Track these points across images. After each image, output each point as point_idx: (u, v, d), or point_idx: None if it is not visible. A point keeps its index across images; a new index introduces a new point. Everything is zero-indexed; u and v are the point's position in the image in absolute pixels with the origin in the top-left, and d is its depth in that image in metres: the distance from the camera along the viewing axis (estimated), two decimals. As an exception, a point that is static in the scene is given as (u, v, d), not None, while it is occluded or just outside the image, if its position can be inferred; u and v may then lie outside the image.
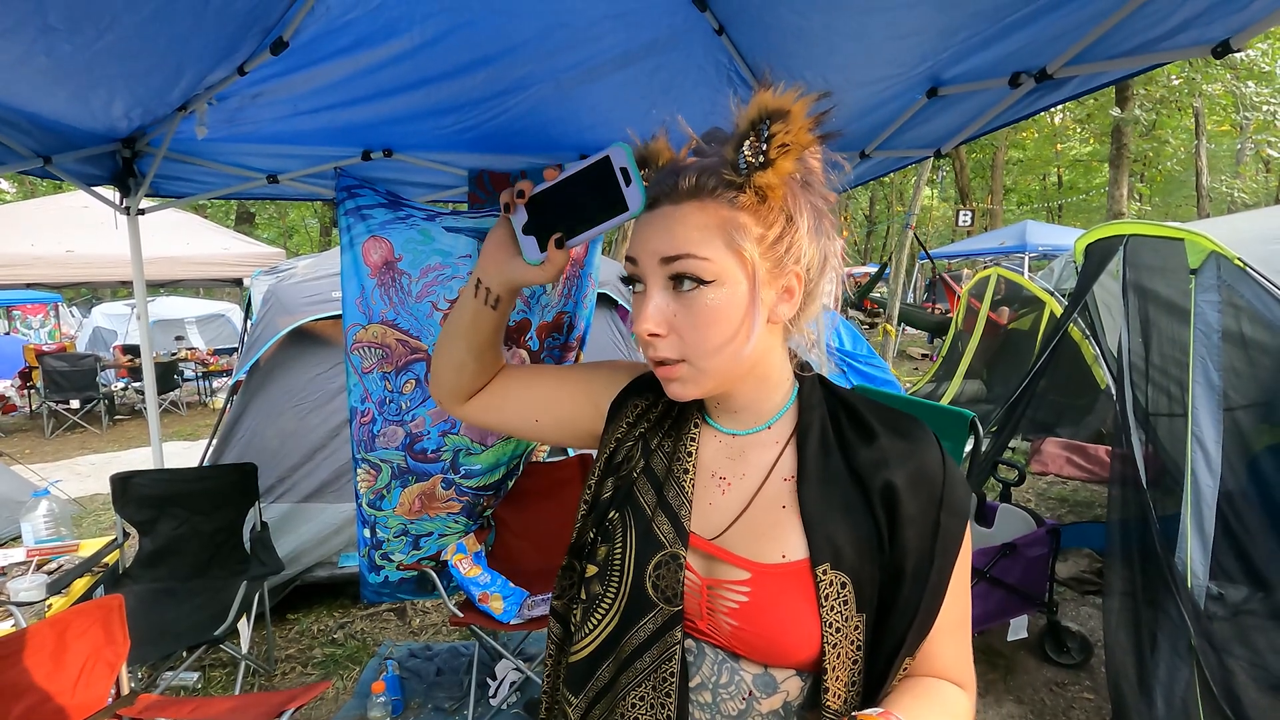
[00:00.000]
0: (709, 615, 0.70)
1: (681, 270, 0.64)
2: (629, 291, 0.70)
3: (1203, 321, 1.85)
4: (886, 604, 0.68)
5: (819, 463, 0.70)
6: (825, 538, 0.67)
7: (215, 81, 1.91)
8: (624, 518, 0.74)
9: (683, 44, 2.19)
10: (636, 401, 0.81)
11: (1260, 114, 9.66)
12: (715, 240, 0.64)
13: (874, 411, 0.74)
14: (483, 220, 2.52)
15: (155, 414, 2.51)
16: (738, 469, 0.74)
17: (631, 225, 0.70)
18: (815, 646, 0.66)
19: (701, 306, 0.64)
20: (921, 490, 0.68)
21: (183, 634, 2.19)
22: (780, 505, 0.70)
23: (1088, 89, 1.61)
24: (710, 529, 0.72)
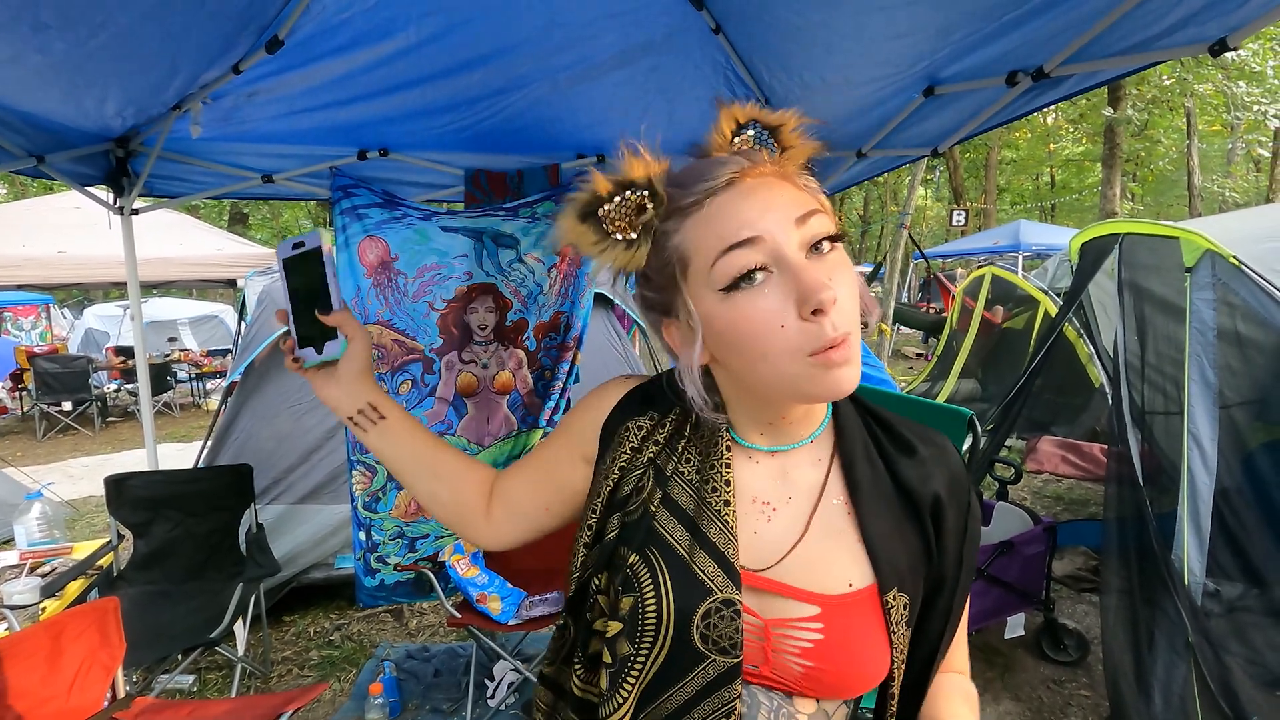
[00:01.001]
0: (772, 658, 0.63)
1: (818, 230, 0.57)
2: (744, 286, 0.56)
3: (1198, 320, 1.86)
4: (926, 613, 0.67)
5: (871, 481, 0.66)
6: (889, 560, 0.64)
7: (210, 80, 1.90)
8: (650, 560, 0.63)
9: (679, 43, 2.19)
10: (638, 422, 0.70)
11: (1251, 114, 9.72)
12: (816, 201, 0.59)
13: (902, 422, 0.72)
14: (479, 220, 2.51)
15: (149, 415, 2.49)
16: (782, 491, 0.67)
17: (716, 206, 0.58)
18: (886, 672, 0.63)
19: (844, 266, 0.57)
20: (956, 498, 0.68)
21: (178, 636, 2.17)
22: (838, 529, 0.65)
23: (1084, 87, 1.61)
24: (760, 561, 0.65)
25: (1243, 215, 2.58)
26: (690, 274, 0.59)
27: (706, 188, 0.58)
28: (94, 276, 7.20)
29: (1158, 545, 1.88)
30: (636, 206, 0.60)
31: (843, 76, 2.13)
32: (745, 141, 0.62)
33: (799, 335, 0.55)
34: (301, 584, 3.05)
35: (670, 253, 0.60)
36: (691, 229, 0.59)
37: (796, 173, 0.62)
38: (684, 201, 0.60)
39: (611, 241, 0.61)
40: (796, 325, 0.55)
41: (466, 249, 2.50)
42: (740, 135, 0.62)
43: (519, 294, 2.58)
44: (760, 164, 0.60)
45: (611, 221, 0.60)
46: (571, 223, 0.62)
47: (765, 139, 0.62)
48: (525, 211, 2.52)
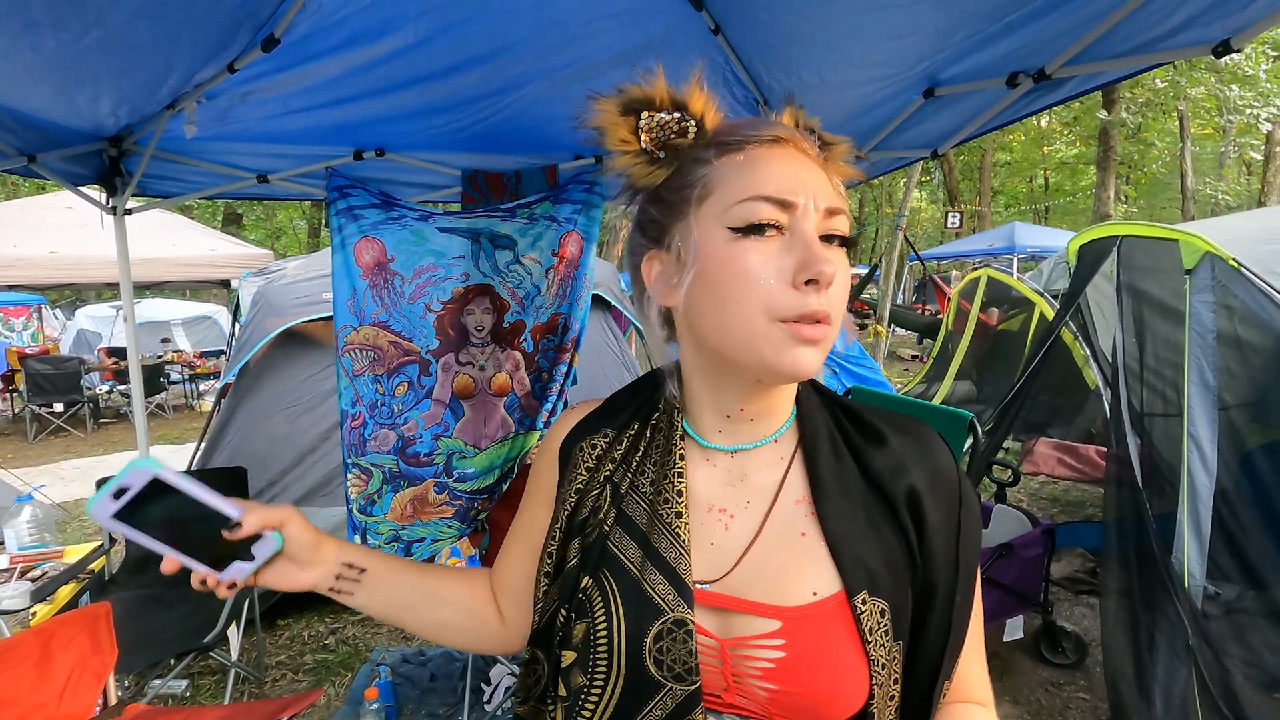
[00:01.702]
0: (734, 683, 0.58)
1: (839, 229, 0.57)
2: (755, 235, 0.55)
3: (1198, 322, 1.86)
4: (919, 626, 0.60)
5: (835, 476, 0.61)
6: (856, 562, 0.58)
7: (205, 79, 1.88)
8: (601, 583, 0.60)
9: (678, 44, 2.18)
10: (592, 440, 0.68)
11: (1243, 117, 9.78)
12: (845, 203, 0.60)
13: (873, 411, 0.67)
14: (476, 220, 2.49)
15: (142, 417, 2.47)
16: (739, 496, 0.63)
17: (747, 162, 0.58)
18: (865, 692, 0.56)
19: (846, 268, 0.57)
20: (941, 493, 0.62)
21: (171, 641, 2.15)
22: (798, 533, 0.60)
23: (1086, 89, 1.61)
24: (716, 575, 0.60)
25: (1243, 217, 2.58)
26: (706, 205, 0.58)
27: (753, 135, 0.58)
28: (86, 277, 7.15)
29: (1157, 548, 1.88)
30: (679, 129, 0.59)
31: (842, 77, 2.12)
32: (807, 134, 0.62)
33: (780, 295, 0.54)
34: (296, 587, 3.02)
35: (695, 179, 0.59)
36: (726, 166, 0.58)
37: (835, 174, 0.61)
38: (727, 138, 0.59)
39: (639, 149, 0.60)
40: (782, 287, 0.54)
41: (463, 250, 2.48)
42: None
43: (516, 295, 2.56)
44: (809, 145, 0.59)
45: (649, 130, 0.60)
46: (613, 111, 0.60)
47: (814, 143, 0.62)
48: (523, 212, 2.51)
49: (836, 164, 0.62)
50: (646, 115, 0.60)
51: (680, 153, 0.60)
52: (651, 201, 0.63)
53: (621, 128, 0.60)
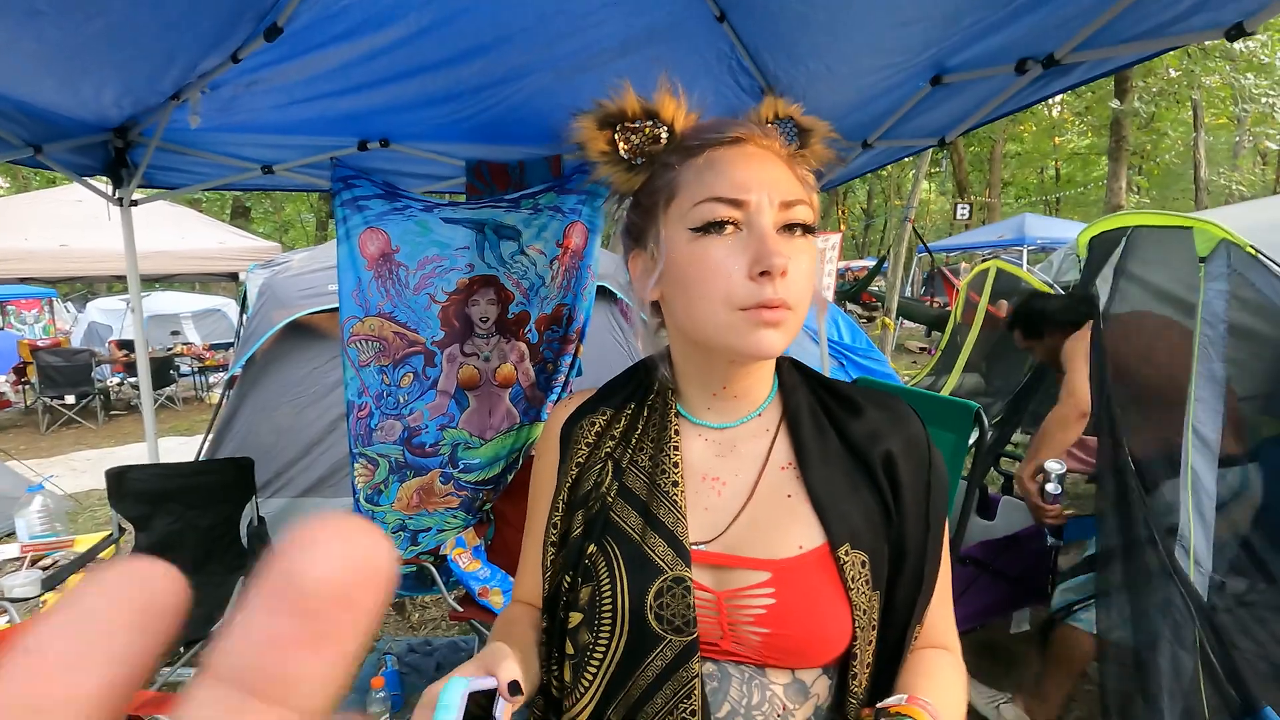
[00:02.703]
0: (731, 631, 0.63)
1: (799, 218, 0.62)
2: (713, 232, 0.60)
3: (1209, 312, 1.83)
4: (894, 576, 0.66)
5: (817, 443, 0.68)
6: (839, 517, 0.64)
7: (209, 69, 1.88)
8: (605, 549, 0.66)
9: (683, 32, 2.16)
10: (591, 419, 0.73)
11: (1259, 106, 9.64)
12: (809, 196, 0.64)
13: (849, 387, 0.73)
14: (481, 211, 2.49)
15: (150, 409, 2.48)
16: (730, 466, 0.69)
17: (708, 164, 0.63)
18: (848, 634, 0.63)
19: (808, 254, 0.62)
20: (913, 456, 0.68)
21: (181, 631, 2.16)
22: (785, 494, 0.67)
23: (1096, 74, 1.58)
24: (711, 535, 0.66)
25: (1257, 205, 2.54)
26: (671, 207, 0.64)
27: (712, 138, 0.63)
28: (96, 270, 7.21)
29: (1161, 539, 1.86)
30: (652, 137, 0.65)
31: (849, 65, 2.10)
32: (773, 129, 0.66)
33: (739, 288, 0.59)
34: (303, 577, 3.04)
35: (663, 183, 0.64)
36: (688, 169, 0.63)
37: (801, 164, 0.66)
38: (689, 143, 0.64)
39: (618, 158, 0.66)
40: (741, 280, 0.59)
41: (468, 241, 2.48)
42: (772, 124, 0.67)
43: (521, 286, 2.56)
44: (770, 140, 0.64)
45: (626, 140, 0.65)
46: (591, 126, 0.66)
47: (792, 135, 0.67)
48: (527, 203, 2.50)
49: (813, 149, 0.67)
50: (621, 127, 0.65)
51: (654, 159, 0.66)
52: (633, 206, 0.69)
53: (600, 140, 0.66)
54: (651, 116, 0.65)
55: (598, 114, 0.66)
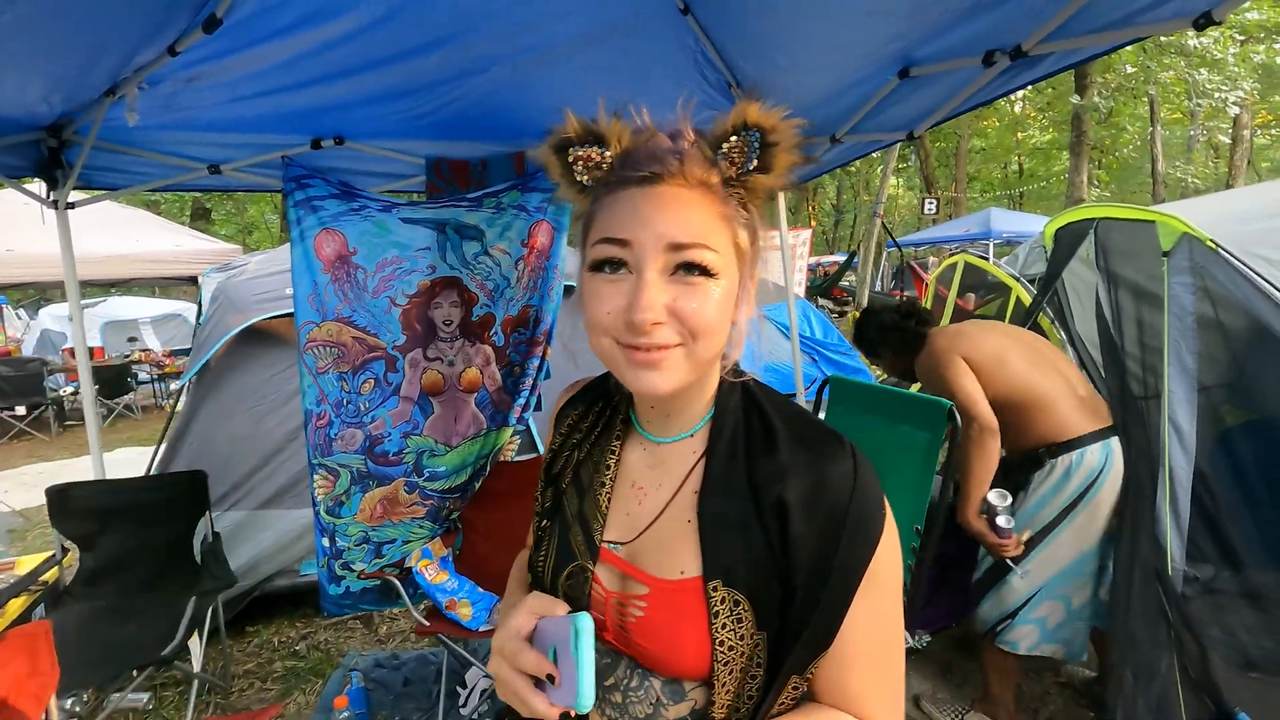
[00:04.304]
0: (614, 627, 0.70)
1: (693, 260, 0.61)
2: (604, 270, 0.63)
3: (1177, 305, 1.83)
4: (782, 621, 0.66)
5: (723, 474, 0.69)
6: (718, 554, 0.66)
7: (144, 63, 1.77)
8: (551, 527, 0.77)
9: (647, 25, 2.11)
10: (570, 411, 0.82)
11: (1211, 101, 9.89)
12: (723, 233, 0.63)
13: (788, 421, 0.70)
14: (441, 211, 2.41)
15: (95, 422, 2.35)
16: (655, 478, 0.74)
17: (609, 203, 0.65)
18: (706, 663, 0.65)
19: (705, 296, 0.61)
20: (819, 508, 0.64)
21: (129, 654, 2.06)
22: (686, 519, 0.69)
23: (1063, 66, 1.57)
24: (627, 539, 0.73)
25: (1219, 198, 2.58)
26: (587, 238, 0.66)
27: (627, 176, 0.64)
28: (44, 275, 6.91)
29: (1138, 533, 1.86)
30: (596, 162, 0.67)
31: (816, 58, 2.06)
32: (733, 147, 0.64)
33: (617, 325, 0.62)
34: (265, 592, 2.93)
35: (590, 215, 0.66)
36: (603, 203, 0.65)
37: (735, 196, 0.65)
38: (612, 175, 0.66)
39: (570, 179, 0.68)
40: (620, 318, 0.61)
41: (429, 241, 2.40)
42: (739, 136, 0.64)
43: (485, 288, 2.49)
44: (690, 175, 0.63)
45: (577, 162, 0.68)
46: (546, 149, 0.69)
47: (754, 149, 0.64)
48: (490, 202, 2.42)
49: (774, 166, 0.65)
50: (570, 150, 0.67)
51: (597, 182, 0.67)
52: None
53: (556, 164, 0.69)
54: (597, 141, 0.66)
55: (551, 139, 0.69)
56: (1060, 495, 1.99)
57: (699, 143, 0.65)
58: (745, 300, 0.67)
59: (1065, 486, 1.98)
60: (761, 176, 0.65)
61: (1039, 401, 2.01)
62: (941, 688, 2.46)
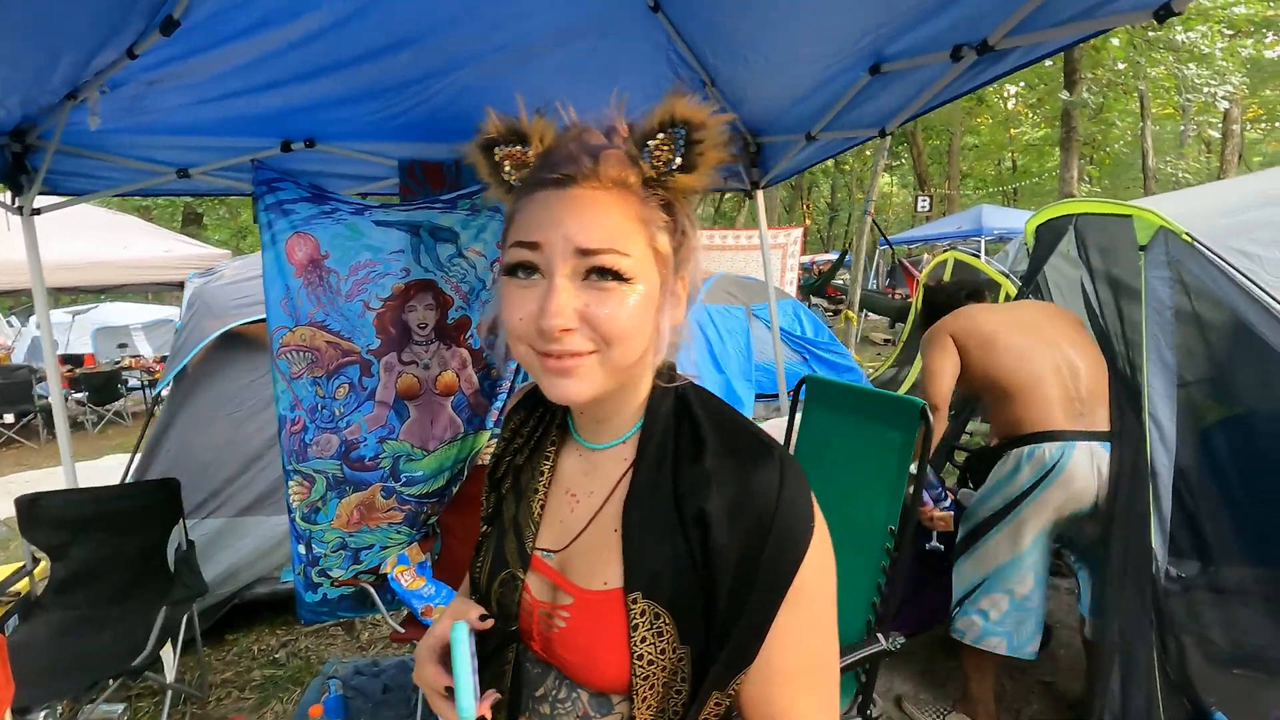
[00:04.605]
0: (540, 636, 0.70)
1: (605, 265, 0.59)
2: (518, 275, 0.61)
3: (1154, 299, 1.82)
4: (709, 638, 0.64)
5: (649, 483, 0.67)
6: (640, 564, 0.64)
7: (104, 66, 1.75)
8: (491, 533, 0.77)
9: (617, 23, 2.09)
10: (514, 417, 0.81)
11: (1201, 96, 9.90)
12: (638, 236, 0.61)
13: (718, 428, 0.68)
14: (415, 213, 2.38)
15: (65, 429, 2.32)
16: (588, 485, 0.72)
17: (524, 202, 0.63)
18: (625, 677, 0.64)
19: (619, 302, 0.59)
20: (742, 519, 0.62)
21: (100, 665, 2.03)
22: (612, 528, 0.68)
23: (1029, 60, 1.55)
24: (559, 547, 0.72)
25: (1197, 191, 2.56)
26: (505, 242, 0.64)
27: (544, 178, 0.62)
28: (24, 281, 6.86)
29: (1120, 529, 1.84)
30: (521, 162, 0.65)
31: (787, 55, 2.05)
32: (659, 144, 0.62)
33: (530, 331, 0.60)
34: (245, 600, 2.90)
35: (510, 216, 0.65)
36: (520, 203, 0.63)
37: (655, 198, 0.63)
38: (532, 175, 0.64)
39: (499, 178, 0.67)
40: (532, 324, 0.59)
41: (402, 244, 2.37)
42: (664, 133, 0.62)
43: (460, 290, 2.46)
44: (604, 176, 0.61)
45: (503, 161, 0.66)
46: (473, 148, 0.67)
47: (679, 146, 0.62)
48: (464, 203, 2.40)
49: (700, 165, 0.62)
50: (497, 150, 0.66)
51: (523, 183, 0.65)
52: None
53: (483, 163, 0.67)
54: (521, 140, 0.65)
55: (477, 138, 0.67)
56: (1008, 488, 2.02)
57: (628, 141, 0.63)
58: (671, 304, 0.65)
59: (1014, 480, 2.00)
60: (684, 176, 0.63)
61: (1014, 390, 2.02)
62: (923, 688, 2.44)
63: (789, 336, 6.84)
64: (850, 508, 1.86)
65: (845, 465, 1.91)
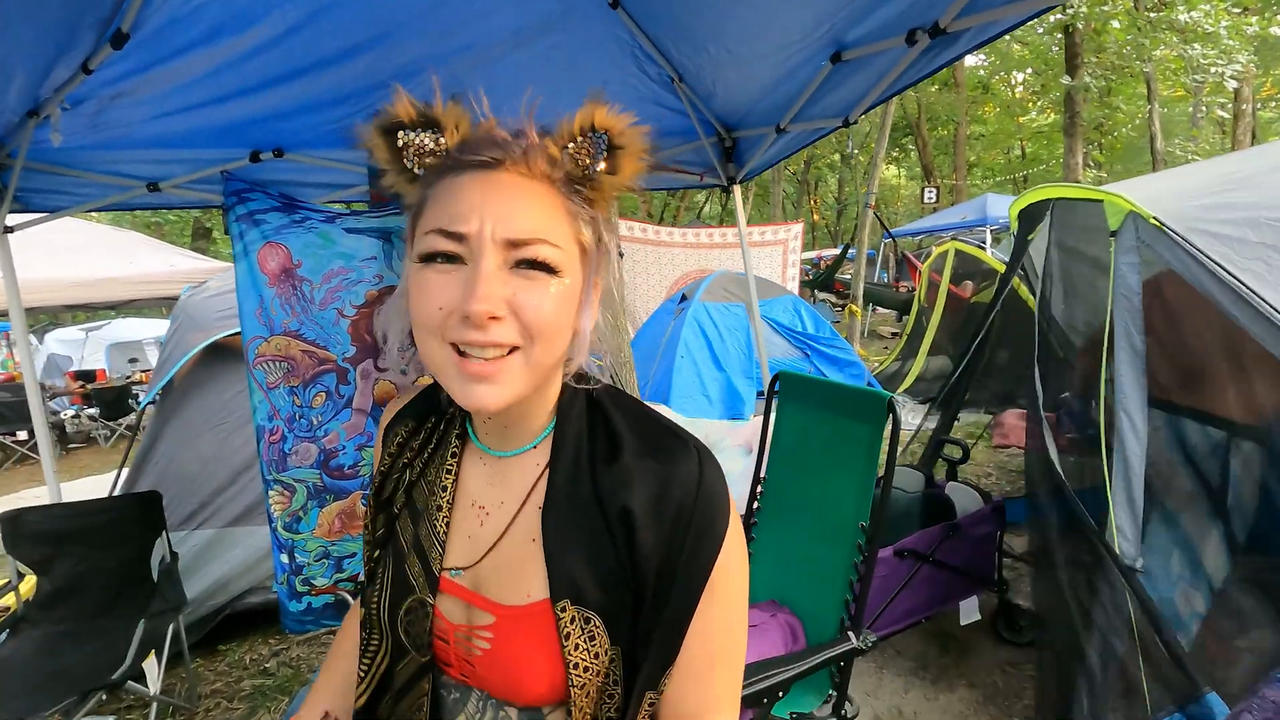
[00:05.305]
0: (460, 661, 0.67)
1: (534, 256, 0.57)
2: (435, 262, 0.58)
3: (1123, 285, 1.77)
4: (632, 635, 0.63)
5: (567, 487, 0.64)
6: (565, 572, 0.62)
7: (62, 82, 1.75)
8: (384, 558, 0.70)
9: (578, 20, 2.07)
10: (398, 428, 0.75)
11: (1208, 76, 9.72)
12: (565, 229, 0.60)
13: (634, 427, 0.67)
14: (387, 219, 2.38)
15: (48, 448, 2.35)
16: (497, 496, 0.68)
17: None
18: (561, 687, 0.62)
19: (545, 294, 0.57)
20: (665, 514, 0.62)
21: (81, 679, 2.04)
22: (531, 538, 0.65)
23: (983, 40, 1.52)
24: (468, 563, 0.68)
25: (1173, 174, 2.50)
26: (416, 230, 0.60)
27: (466, 159, 0.59)
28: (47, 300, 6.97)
29: (1089, 519, 1.79)
30: (429, 149, 0.62)
31: (748, 47, 2.03)
32: (579, 147, 0.62)
33: (450, 322, 0.56)
34: (237, 610, 2.91)
35: (420, 202, 0.61)
36: (436, 190, 0.59)
37: (581, 192, 0.61)
38: (449, 160, 0.60)
39: (400, 166, 0.63)
40: (453, 314, 0.56)
41: (375, 250, 2.37)
42: (585, 137, 0.61)
43: (434, 295, 2.45)
44: (533, 164, 0.59)
45: (407, 148, 0.62)
46: (374, 132, 0.63)
47: (600, 151, 0.62)
48: (435, 208, 2.39)
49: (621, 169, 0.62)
50: (401, 134, 0.62)
51: (428, 171, 0.62)
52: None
53: (384, 148, 0.63)
54: (431, 126, 0.62)
55: (379, 120, 0.63)
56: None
57: (544, 141, 0.62)
58: (589, 304, 0.64)
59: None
60: (610, 177, 0.62)
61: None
62: (914, 685, 2.40)
63: (789, 332, 6.79)
64: (824, 504, 1.84)
65: (818, 461, 1.88)
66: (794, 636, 1.80)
